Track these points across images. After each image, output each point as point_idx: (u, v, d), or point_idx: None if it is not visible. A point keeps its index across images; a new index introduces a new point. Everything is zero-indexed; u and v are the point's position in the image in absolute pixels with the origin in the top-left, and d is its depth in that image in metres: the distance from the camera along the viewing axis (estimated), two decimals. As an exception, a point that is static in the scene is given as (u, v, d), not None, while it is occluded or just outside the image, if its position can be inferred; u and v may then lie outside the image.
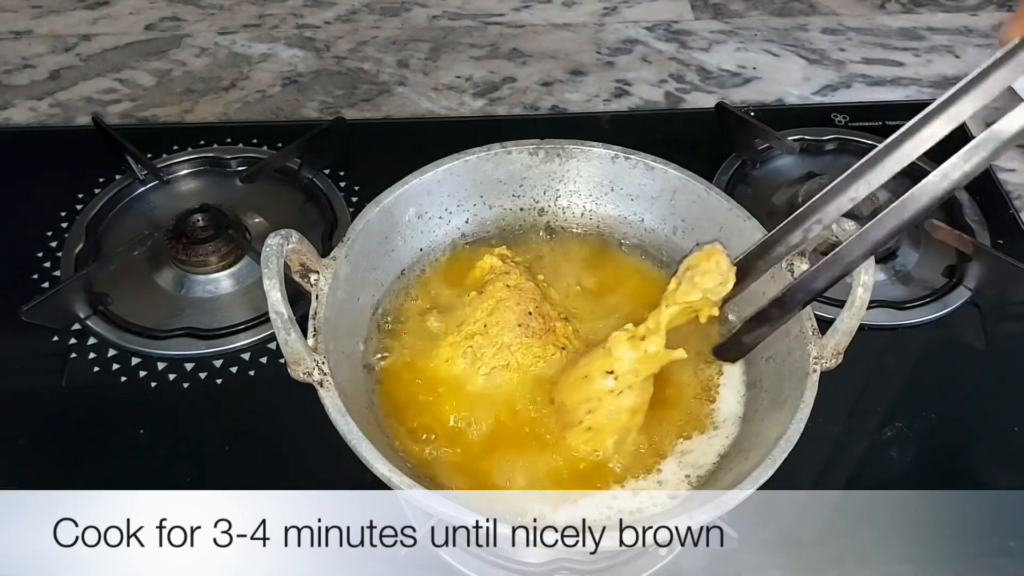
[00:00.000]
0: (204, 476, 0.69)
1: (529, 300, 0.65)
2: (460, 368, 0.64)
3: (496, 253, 0.69)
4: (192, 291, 0.81)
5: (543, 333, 0.64)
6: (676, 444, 0.61)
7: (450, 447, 0.60)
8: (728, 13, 1.20)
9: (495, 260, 0.68)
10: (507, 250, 0.70)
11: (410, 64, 1.10)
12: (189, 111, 1.02)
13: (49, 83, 1.05)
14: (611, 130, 0.99)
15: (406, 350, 0.65)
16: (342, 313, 0.60)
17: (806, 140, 0.96)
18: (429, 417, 0.62)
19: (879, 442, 0.72)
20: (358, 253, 0.63)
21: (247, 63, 1.09)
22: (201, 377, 0.75)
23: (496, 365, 0.63)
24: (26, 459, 0.71)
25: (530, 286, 0.66)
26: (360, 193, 0.90)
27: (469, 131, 0.99)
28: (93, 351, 0.76)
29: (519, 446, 0.60)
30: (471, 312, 0.65)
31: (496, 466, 0.59)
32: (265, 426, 0.72)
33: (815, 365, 0.56)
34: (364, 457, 0.51)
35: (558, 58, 1.12)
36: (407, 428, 0.61)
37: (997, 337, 0.80)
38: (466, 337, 0.64)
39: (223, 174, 0.92)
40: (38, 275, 0.82)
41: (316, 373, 0.54)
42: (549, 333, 0.64)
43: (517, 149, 0.69)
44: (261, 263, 0.53)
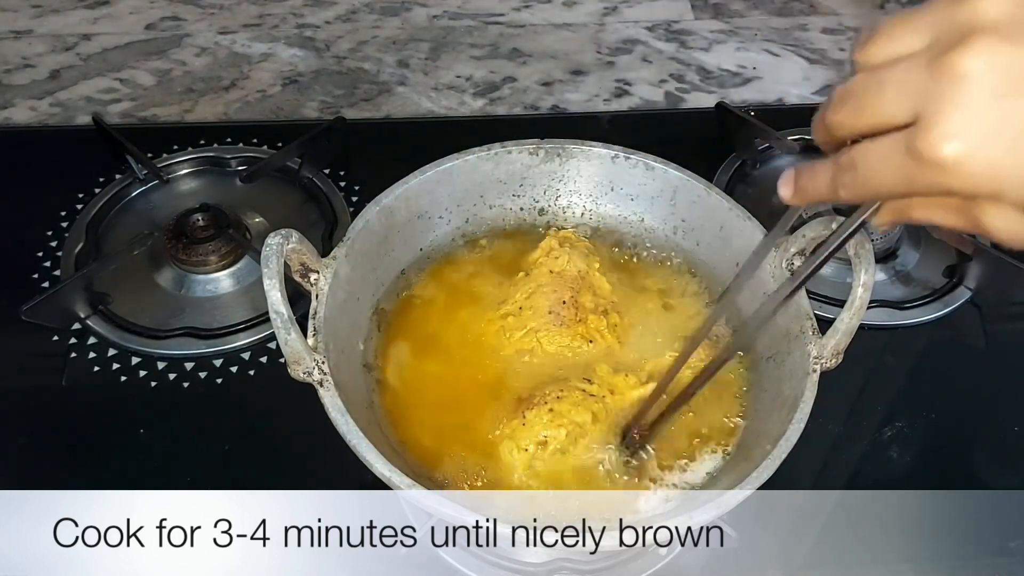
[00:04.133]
0: (204, 476, 0.69)
1: (567, 288, 0.66)
2: (489, 343, 0.65)
3: (559, 235, 0.70)
4: (192, 291, 0.81)
5: (573, 323, 0.65)
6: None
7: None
8: (728, 13, 1.20)
9: (554, 242, 0.69)
10: (571, 232, 0.70)
11: (410, 64, 1.10)
12: (189, 111, 1.02)
13: (49, 82, 1.05)
14: (611, 130, 0.99)
15: (406, 349, 0.65)
16: (342, 313, 0.60)
17: (806, 140, 0.96)
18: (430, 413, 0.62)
19: (879, 442, 0.72)
20: (358, 253, 0.63)
21: (247, 63, 1.09)
22: (201, 377, 0.75)
23: (519, 348, 0.64)
24: (26, 459, 0.71)
25: (574, 274, 0.67)
26: (360, 193, 0.90)
27: (469, 131, 0.99)
28: (93, 351, 0.76)
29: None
30: (513, 292, 0.67)
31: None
32: (265, 426, 0.72)
33: (815, 365, 0.56)
34: (364, 457, 0.51)
35: (558, 58, 1.12)
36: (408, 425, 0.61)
37: (997, 337, 0.80)
38: (502, 316, 0.66)
39: (223, 174, 0.92)
40: (38, 275, 0.81)
41: (316, 373, 0.54)
42: (580, 324, 0.65)
43: (517, 149, 0.70)
44: (261, 263, 0.53)
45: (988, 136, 0.31)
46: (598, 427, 0.60)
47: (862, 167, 0.35)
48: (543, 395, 0.60)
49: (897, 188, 0.35)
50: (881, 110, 0.34)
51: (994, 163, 0.31)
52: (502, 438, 0.60)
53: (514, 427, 0.60)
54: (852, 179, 0.36)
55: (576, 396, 0.61)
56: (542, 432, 0.59)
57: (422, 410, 0.62)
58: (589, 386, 0.62)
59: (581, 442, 0.60)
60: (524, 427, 0.59)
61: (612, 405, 0.61)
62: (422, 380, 0.64)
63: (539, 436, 0.59)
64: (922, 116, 0.32)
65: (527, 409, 0.60)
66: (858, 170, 0.36)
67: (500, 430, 0.60)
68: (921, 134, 0.32)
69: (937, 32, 0.33)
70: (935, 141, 0.32)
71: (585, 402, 0.60)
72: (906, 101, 0.33)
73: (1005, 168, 0.31)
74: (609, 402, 0.61)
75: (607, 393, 0.62)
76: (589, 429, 0.60)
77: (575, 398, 0.60)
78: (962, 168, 0.32)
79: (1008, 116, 0.31)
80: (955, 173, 0.32)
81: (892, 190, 0.35)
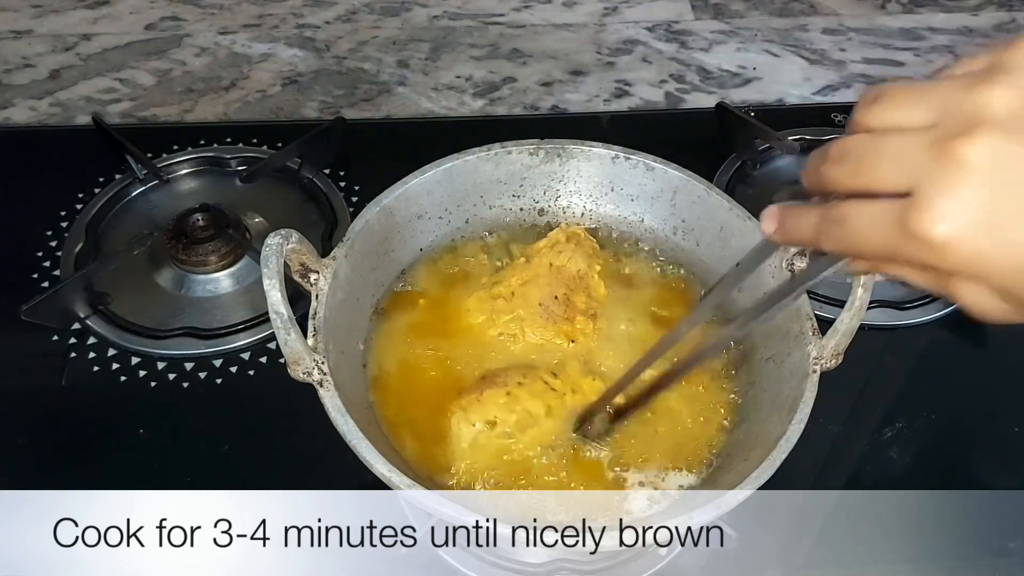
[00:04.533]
0: (204, 476, 0.69)
1: (562, 284, 0.66)
2: (476, 321, 0.65)
3: (568, 231, 0.70)
4: (192, 291, 0.81)
5: (560, 320, 0.65)
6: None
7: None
8: (728, 13, 1.20)
9: (561, 236, 0.69)
10: (580, 230, 0.71)
11: (410, 64, 1.10)
12: (189, 111, 1.02)
13: (49, 82, 1.05)
14: (611, 130, 0.99)
15: (402, 347, 0.65)
16: (342, 313, 0.60)
17: (806, 140, 0.96)
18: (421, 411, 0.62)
19: (879, 442, 0.72)
20: (358, 253, 0.63)
21: (247, 63, 1.09)
22: (201, 377, 0.75)
23: (504, 332, 0.65)
24: (26, 458, 0.71)
25: (573, 272, 0.67)
26: (360, 193, 0.90)
27: (469, 131, 0.99)
28: (93, 350, 0.76)
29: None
30: (509, 275, 0.67)
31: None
32: (265, 426, 0.72)
33: (815, 366, 0.56)
34: (364, 457, 0.51)
35: (558, 58, 1.12)
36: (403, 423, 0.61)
37: (997, 338, 0.80)
38: (493, 297, 0.66)
39: (223, 174, 0.92)
40: (38, 274, 0.82)
41: (316, 373, 0.54)
42: (566, 322, 0.65)
43: (517, 149, 0.70)
44: (261, 262, 0.53)
45: (979, 225, 0.32)
46: (551, 421, 0.60)
47: (850, 226, 0.37)
48: (506, 378, 0.61)
49: (880, 252, 0.36)
50: (878, 177, 0.35)
51: (981, 251, 0.33)
52: (456, 409, 0.60)
53: (470, 401, 0.60)
54: (838, 234, 0.37)
55: (537, 386, 0.61)
56: (494, 413, 0.59)
57: (415, 408, 0.62)
58: (553, 380, 0.62)
59: (530, 431, 0.60)
60: (478, 403, 0.60)
61: (571, 403, 0.61)
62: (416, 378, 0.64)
63: (490, 415, 0.59)
64: (917, 193, 0.33)
65: (487, 387, 0.60)
66: (845, 228, 0.37)
67: (457, 401, 0.61)
68: (915, 211, 0.33)
69: (944, 113, 0.34)
70: (928, 220, 0.33)
71: (544, 394, 0.61)
72: (904, 174, 0.34)
73: (990, 257, 0.33)
74: (568, 400, 0.61)
75: (568, 391, 0.62)
76: (541, 421, 0.60)
77: (535, 388, 0.61)
78: (949, 249, 0.33)
79: (1000, 208, 0.32)
80: (942, 253, 0.33)
81: (875, 253, 0.36)
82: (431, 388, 0.63)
